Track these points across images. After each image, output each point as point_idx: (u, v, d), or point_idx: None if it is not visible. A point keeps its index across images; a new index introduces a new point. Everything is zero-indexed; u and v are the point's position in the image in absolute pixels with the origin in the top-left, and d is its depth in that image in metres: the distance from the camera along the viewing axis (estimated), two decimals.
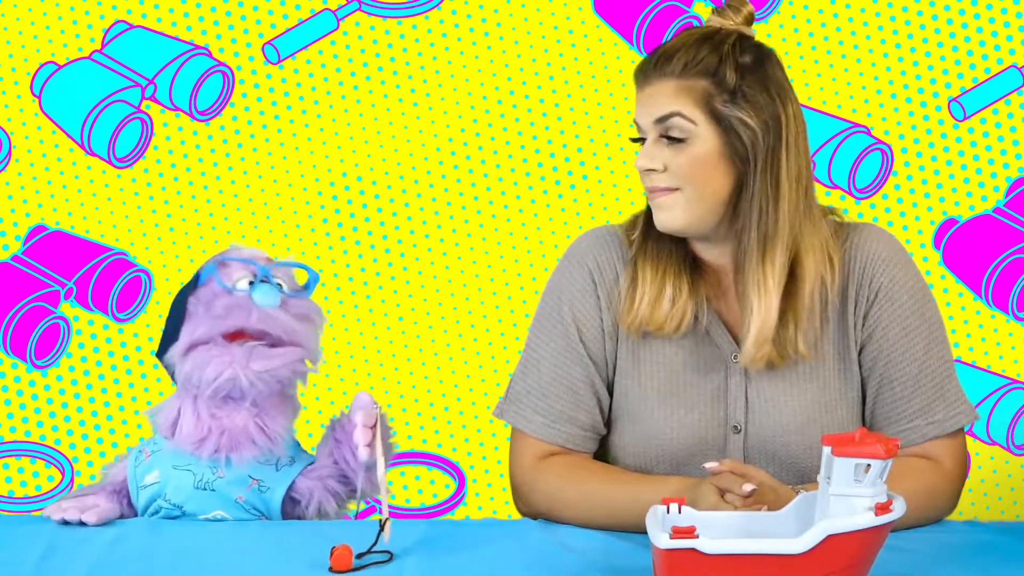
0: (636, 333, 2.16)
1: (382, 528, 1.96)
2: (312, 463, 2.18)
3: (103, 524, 2.10)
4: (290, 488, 2.16)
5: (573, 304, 2.19)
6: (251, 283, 2.13)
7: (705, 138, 2.08)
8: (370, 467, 2.08)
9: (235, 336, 2.12)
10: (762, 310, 2.09)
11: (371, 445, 2.04)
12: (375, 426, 2.05)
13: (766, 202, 2.09)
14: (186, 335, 2.12)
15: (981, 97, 3.43)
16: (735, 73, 2.08)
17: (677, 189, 2.08)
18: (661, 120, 2.08)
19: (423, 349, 3.44)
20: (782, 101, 2.10)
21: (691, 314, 2.14)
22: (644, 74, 2.11)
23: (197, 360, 2.11)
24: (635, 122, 2.12)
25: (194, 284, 2.16)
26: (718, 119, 2.08)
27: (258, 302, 2.11)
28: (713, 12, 2.15)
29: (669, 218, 2.10)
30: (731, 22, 2.13)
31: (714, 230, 2.12)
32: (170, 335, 2.15)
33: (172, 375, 2.17)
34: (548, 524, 2.13)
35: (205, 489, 2.14)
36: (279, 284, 2.15)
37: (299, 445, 2.21)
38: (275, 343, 2.13)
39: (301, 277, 2.21)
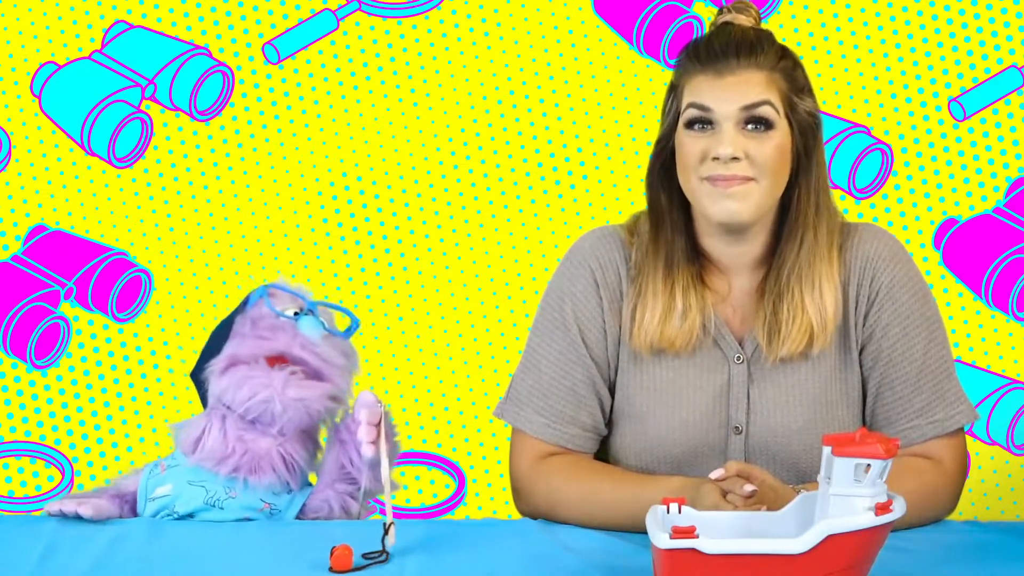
0: (648, 351, 2.16)
1: (386, 532, 1.95)
2: None
3: (99, 522, 2.10)
4: (306, 511, 2.16)
5: (575, 305, 2.19)
6: (296, 314, 2.16)
7: (784, 130, 2.09)
8: (374, 465, 2.08)
9: (275, 360, 2.14)
10: (835, 298, 2.12)
11: (375, 443, 2.04)
12: (379, 424, 2.05)
13: (823, 195, 2.13)
14: (230, 349, 2.15)
15: (981, 97, 3.43)
16: (801, 71, 2.13)
17: (753, 179, 2.08)
18: (751, 107, 2.08)
19: (423, 349, 3.44)
20: (816, 97, 2.16)
21: (700, 327, 2.14)
22: (726, 62, 2.09)
23: (234, 378, 2.12)
24: (701, 106, 2.09)
25: (241, 308, 2.18)
26: (793, 113, 2.10)
27: (303, 331, 2.15)
28: (728, 11, 2.14)
29: (741, 208, 2.08)
30: (751, 20, 2.14)
31: (760, 224, 2.13)
32: (210, 354, 2.17)
33: (202, 394, 2.19)
34: (548, 524, 2.13)
35: (214, 507, 2.14)
36: (322, 322, 2.18)
37: (309, 481, 2.21)
38: (312, 374, 2.15)
39: (342, 322, 2.23)
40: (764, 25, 2.17)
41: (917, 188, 3.44)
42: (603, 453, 2.25)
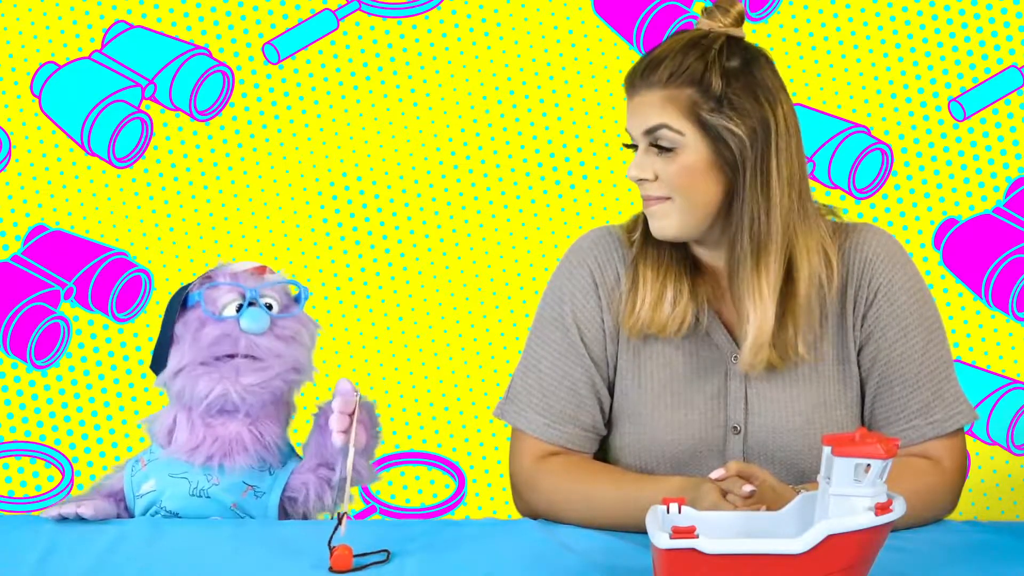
0: (638, 336, 2.17)
1: (339, 523, 1.94)
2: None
3: (100, 521, 2.11)
4: (285, 489, 2.16)
5: (574, 305, 2.19)
6: (239, 307, 2.13)
7: (694, 147, 2.07)
8: (360, 454, 2.08)
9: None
10: (758, 316, 2.08)
11: (345, 432, 2.03)
12: (352, 412, 2.04)
13: (757, 208, 2.07)
14: (174, 361, 2.13)
15: (981, 97, 3.43)
16: (721, 79, 2.06)
17: (668, 198, 2.08)
18: (649, 131, 2.08)
19: (423, 349, 3.44)
20: (771, 104, 2.08)
21: (692, 316, 2.14)
22: (632, 83, 2.10)
23: (187, 379, 2.11)
24: (626, 129, 2.12)
25: (183, 303, 2.15)
26: (705, 128, 2.06)
27: (245, 328, 2.11)
28: (702, 14, 2.13)
29: (662, 226, 2.10)
30: (720, 24, 2.10)
31: (708, 235, 2.12)
32: (161, 351, 2.16)
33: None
34: (548, 524, 2.13)
35: (200, 496, 2.14)
36: (268, 304, 2.14)
37: (292, 450, 2.21)
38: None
39: (292, 289, 2.21)
40: (760, 25, 2.15)
41: (917, 188, 3.44)
42: (603, 453, 2.25)
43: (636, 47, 3.42)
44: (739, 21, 2.12)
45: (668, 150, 2.07)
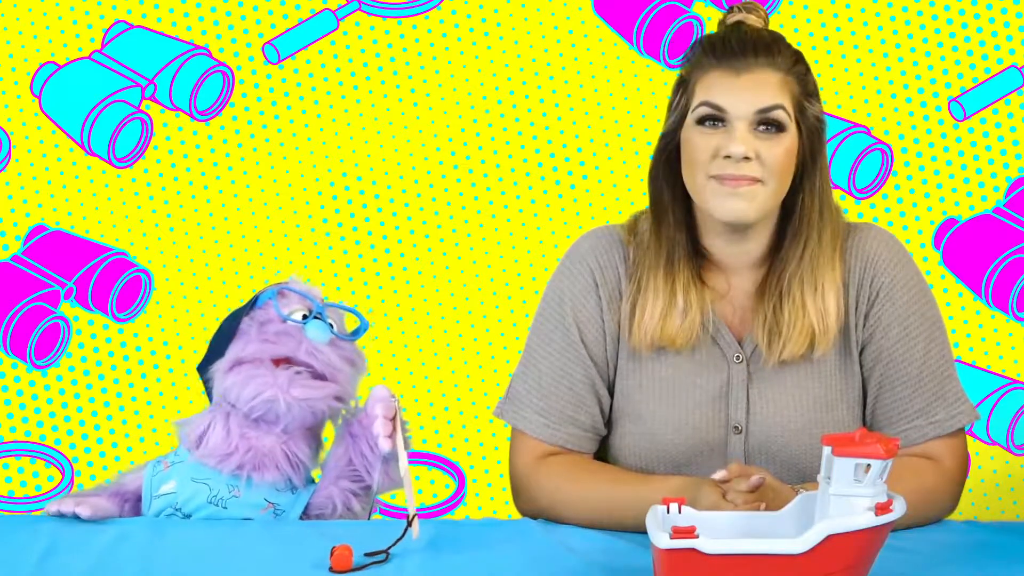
0: (649, 349, 2.16)
1: (409, 524, 1.96)
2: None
3: (99, 521, 2.10)
4: (309, 507, 2.16)
5: (575, 304, 2.19)
6: (304, 317, 2.16)
7: (792, 133, 2.09)
8: (389, 460, 2.09)
9: (280, 362, 2.14)
10: (831, 302, 2.11)
11: (392, 437, 2.04)
12: (394, 418, 2.06)
13: (827, 198, 2.13)
14: (234, 351, 2.15)
15: (981, 97, 3.43)
16: (811, 74, 2.13)
17: (760, 181, 2.08)
18: (765, 110, 2.07)
19: (423, 349, 3.44)
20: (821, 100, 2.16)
21: (700, 324, 2.14)
22: (742, 58, 2.08)
23: (239, 377, 2.12)
24: (715, 105, 2.08)
25: (250, 307, 2.19)
26: (803, 115, 2.10)
27: (310, 336, 2.15)
28: (738, 11, 2.14)
29: (747, 208, 2.08)
30: (761, 21, 2.14)
31: (764, 225, 2.13)
32: (216, 351, 2.17)
33: (208, 389, 2.19)
34: (548, 524, 2.13)
35: (217, 505, 2.14)
36: (330, 324, 2.17)
37: (312, 478, 2.21)
38: (317, 376, 2.15)
39: (351, 322, 2.23)
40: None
41: (917, 188, 3.44)
42: (603, 453, 2.25)
43: (636, 47, 3.42)
44: (767, 21, 2.14)
45: (778, 132, 2.08)
